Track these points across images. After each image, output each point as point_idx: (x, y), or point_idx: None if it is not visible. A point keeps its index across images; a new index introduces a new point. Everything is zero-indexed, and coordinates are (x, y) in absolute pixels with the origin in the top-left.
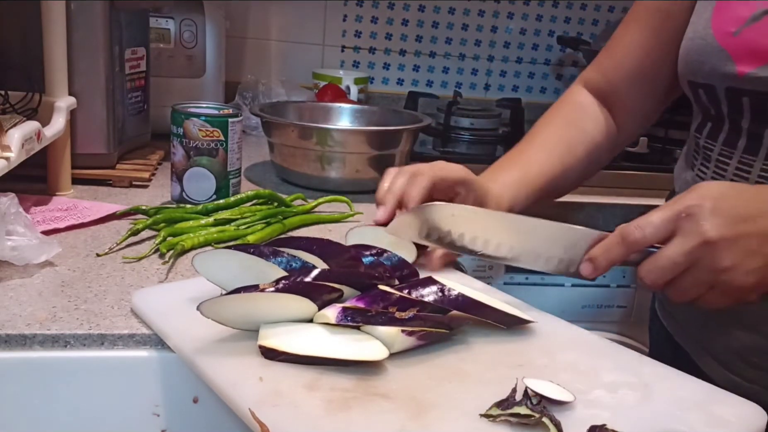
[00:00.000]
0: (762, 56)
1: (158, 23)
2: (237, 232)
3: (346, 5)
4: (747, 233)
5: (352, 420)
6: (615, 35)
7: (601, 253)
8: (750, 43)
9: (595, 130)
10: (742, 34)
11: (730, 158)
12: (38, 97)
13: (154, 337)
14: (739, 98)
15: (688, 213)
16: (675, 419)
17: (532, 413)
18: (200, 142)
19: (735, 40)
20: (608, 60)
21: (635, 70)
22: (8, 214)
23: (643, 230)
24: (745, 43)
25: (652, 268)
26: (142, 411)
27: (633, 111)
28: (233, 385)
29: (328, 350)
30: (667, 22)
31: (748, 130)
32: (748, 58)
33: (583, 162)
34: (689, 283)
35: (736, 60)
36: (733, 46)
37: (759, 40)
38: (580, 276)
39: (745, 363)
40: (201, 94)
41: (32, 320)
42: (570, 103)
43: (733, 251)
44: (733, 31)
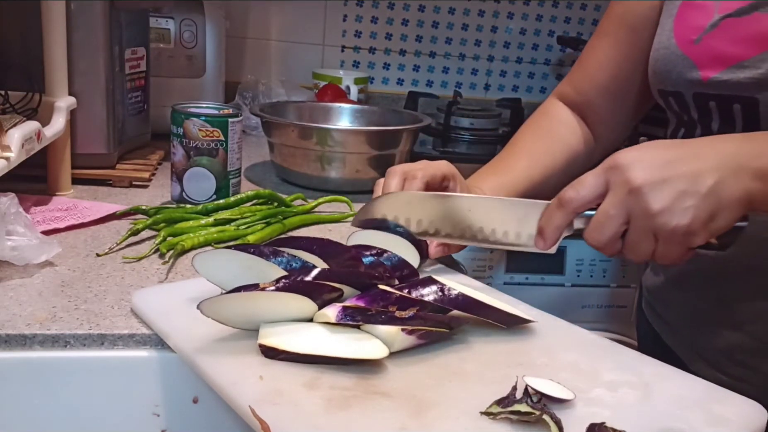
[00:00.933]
0: (723, 61)
1: (158, 23)
2: (237, 232)
3: (346, 5)
4: (674, 175)
5: (353, 418)
6: (586, 50)
7: (546, 221)
8: (711, 49)
9: (573, 140)
10: (703, 41)
11: None
12: (38, 97)
13: (154, 337)
14: (706, 103)
15: (613, 165)
16: (675, 418)
17: (533, 411)
18: (200, 142)
19: (697, 48)
20: (581, 74)
21: (607, 83)
22: (8, 214)
23: (575, 189)
24: (707, 50)
25: (593, 228)
26: (142, 411)
27: (607, 122)
28: (233, 384)
29: (328, 349)
30: (633, 36)
31: (718, 133)
32: (711, 63)
33: (563, 169)
34: (634, 236)
35: (699, 66)
36: (695, 54)
37: (718, 45)
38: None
39: (732, 361)
40: (201, 94)
41: (32, 320)
42: (547, 114)
43: (663, 193)
44: (694, 38)
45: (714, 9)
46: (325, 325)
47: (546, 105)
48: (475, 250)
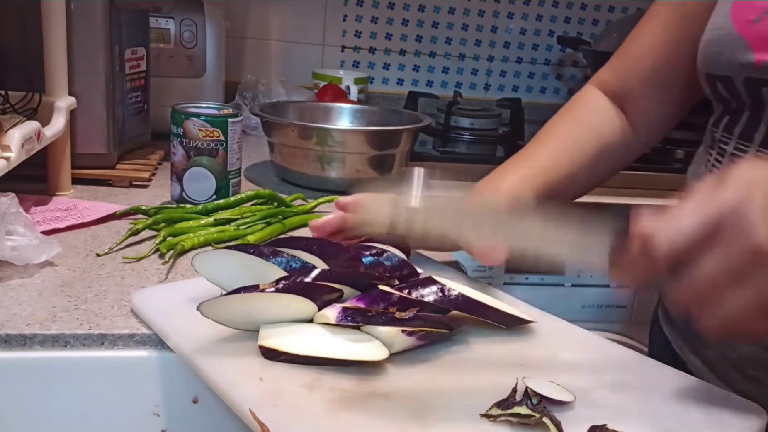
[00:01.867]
0: None
1: (158, 23)
2: (237, 232)
3: (346, 5)
4: None
5: (352, 420)
6: (631, 36)
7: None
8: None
9: (608, 131)
10: (763, 21)
11: (746, 152)
12: (38, 97)
13: (154, 337)
14: (759, 89)
15: (732, 210)
16: (675, 419)
17: (533, 413)
18: (200, 142)
19: (755, 28)
20: (623, 61)
21: (652, 72)
22: (8, 214)
23: (671, 228)
24: (765, 30)
25: (687, 291)
26: (142, 411)
27: (649, 115)
28: (233, 385)
29: (329, 350)
30: (686, 21)
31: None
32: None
33: (593, 162)
34: (732, 306)
35: (755, 48)
36: (752, 34)
37: None
38: None
39: (741, 375)
40: (201, 94)
41: (32, 320)
42: (581, 102)
43: None
44: (753, 18)
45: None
46: (325, 326)
47: (581, 92)
48: None
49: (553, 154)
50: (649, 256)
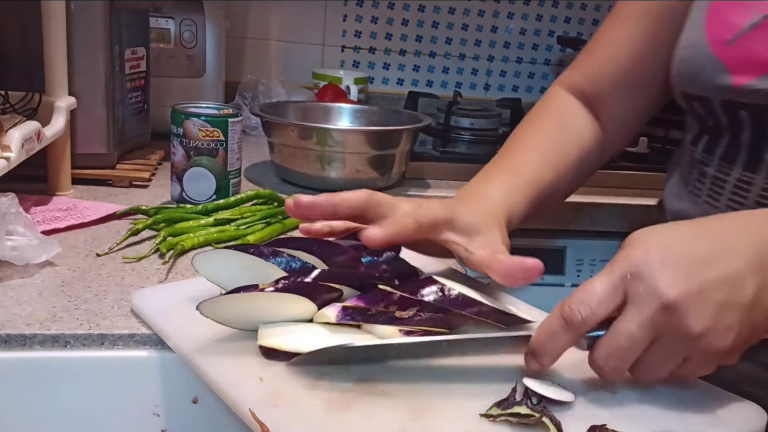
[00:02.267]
0: (760, 66)
1: (158, 23)
2: (237, 232)
3: (346, 5)
4: (708, 282)
5: (352, 420)
6: (599, 36)
7: (546, 340)
8: (747, 52)
9: (586, 134)
10: (739, 43)
11: (728, 174)
12: (38, 97)
13: (154, 337)
14: (737, 111)
15: (634, 273)
16: (675, 419)
17: (533, 413)
18: (200, 142)
19: (731, 50)
20: (593, 63)
21: (623, 74)
22: (8, 214)
23: (588, 305)
24: (742, 53)
25: (609, 353)
26: (142, 411)
27: (620, 117)
28: (233, 385)
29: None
30: (659, 24)
31: (749, 145)
32: (745, 68)
33: (576, 168)
34: (658, 359)
35: (732, 70)
36: (728, 56)
37: (756, 48)
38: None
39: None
40: (201, 94)
41: (32, 320)
42: (556, 104)
43: (701, 311)
44: (729, 38)
45: (755, 6)
46: (324, 325)
47: (551, 94)
48: None
49: (539, 161)
50: (570, 327)
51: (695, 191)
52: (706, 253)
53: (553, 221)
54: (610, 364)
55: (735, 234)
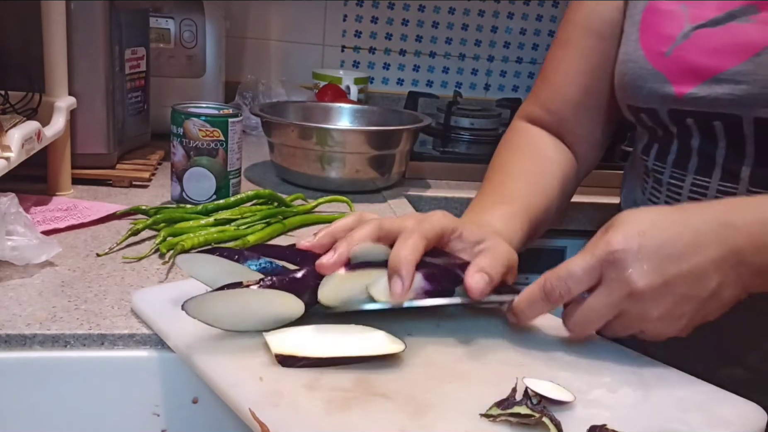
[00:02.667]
0: (698, 74)
1: (158, 23)
2: (237, 232)
3: (346, 5)
4: (675, 276)
5: (352, 420)
6: (549, 62)
7: (526, 306)
8: (684, 62)
9: (562, 160)
10: (674, 54)
11: (683, 181)
12: (38, 97)
13: (154, 337)
14: (683, 119)
15: (611, 260)
16: (675, 419)
17: (533, 413)
18: (200, 142)
19: (668, 61)
20: (549, 92)
21: (579, 98)
22: (8, 214)
23: (566, 284)
24: (679, 63)
25: (578, 320)
26: (142, 411)
27: (585, 137)
28: (233, 385)
29: (347, 349)
30: (602, 44)
31: (698, 150)
32: (685, 77)
33: (561, 192)
34: (619, 327)
35: (672, 81)
36: (667, 67)
37: (692, 58)
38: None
39: None
40: (201, 94)
41: (32, 320)
42: (525, 136)
43: (663, 300)
44: (665, 51)
45: (684, 17)
46: (331, 325)
47: (516, 129)
48: None
49: (529, 190)
50: (549, 299)
51: (653, 200)
52: (680, 249)
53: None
54: (575, 328)
55: (709, 231)
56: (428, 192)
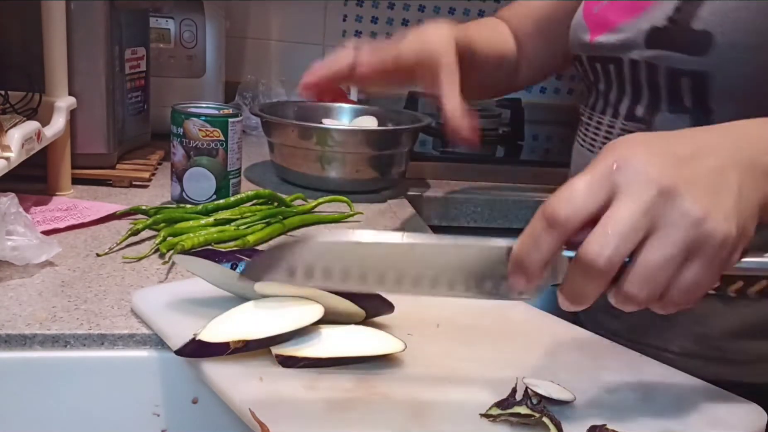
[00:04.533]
0: (605, 25)
1: (158, 23)
2: (237, 232)
3: (346, 5)
4: (697, 172)
5: (352, 420)
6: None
7: (528, 250)
8: (602, 17)
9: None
10: (600, 10)
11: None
12: (38, 97)
13: (154, 337)
14: (594, 65)
15: (621, 164)
16: (675, 419)
17: (533, 413)
18: (200, 142)
19: (594, 16)
20: (523, 6)
21: (541, 23)
22: (8, 214)
23: (570, 202)
24: (599, 17)
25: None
26: (142, 411)
27: (533, 61)
28: (233, 385)
29: (348, 349)
30: None
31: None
32: (598, 28)
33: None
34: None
35: (591, 30)
36: (591, 20)
37: (607, 14)
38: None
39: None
40: (201, 94)
41: (32, 320)
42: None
43: (698, 193)
44: (594, 8)
45: None
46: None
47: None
48: None
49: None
50: (554, 225)
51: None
52: (689, 150)
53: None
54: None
55: (711, 135)
56: (428, 192)
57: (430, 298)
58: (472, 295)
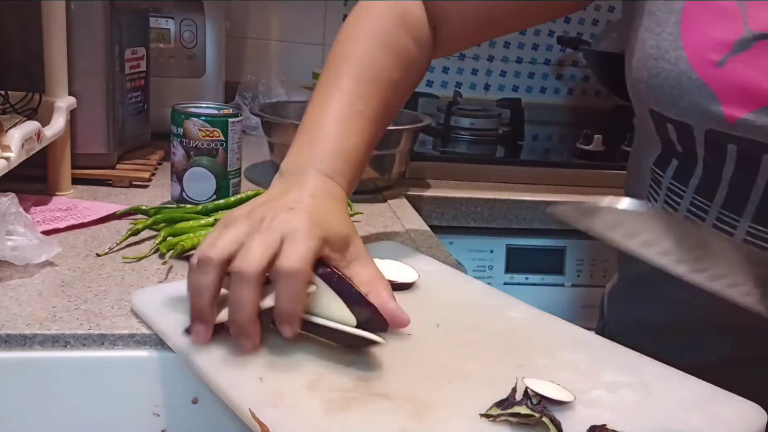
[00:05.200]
0: (757, 97)
1: (158, 23)
2: None
3: (346, 5)
4: None
5: (352, 420)
6: None
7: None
8: (741, 78)
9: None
10: (728, 65)
11: (706, 213)
12: (38, 97)
13: (154, 337)
14: (724, 145)
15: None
16: (675, 419)
17: (533, 413)
18: (200, 142)
19: (719, 73)
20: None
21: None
22: (8, 214)
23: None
24: (734, 79)
25: None
26: (142, 411)
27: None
28: (233, 385)
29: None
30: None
31: (730, 182)
32: (739, 98)
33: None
34: None
35: (722, 100)
36: (717, 82)
37: (752, 75)
38: None
39: None
40: (201, 94)
41: (32, 320)
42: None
43: None
44: (717, 60)
45: (741, 18)
46: None
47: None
48: (474, 249)
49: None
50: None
51: None
52: None
53: (553, 221)
54: None
55: None
56: (428, 192)
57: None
58: None
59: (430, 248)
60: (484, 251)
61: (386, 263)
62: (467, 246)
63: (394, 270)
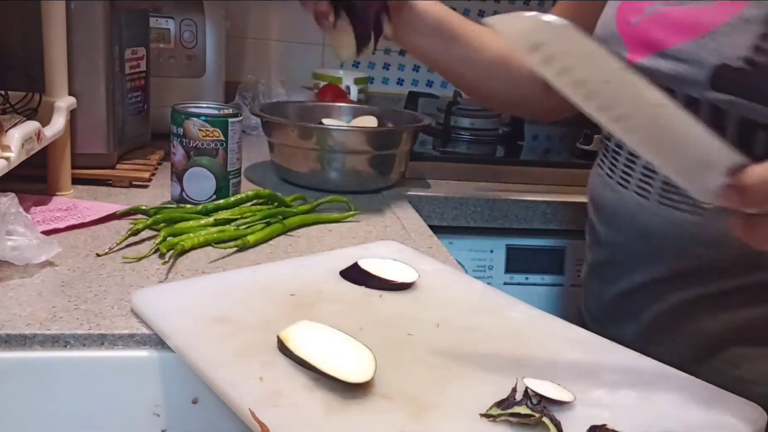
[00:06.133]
0: (649, 46)
1: (158, 23)
2: (237, 232)
3: None
4: None
5: (352, 420)
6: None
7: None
8: (642, 33)
9: None
10: (640, 24)
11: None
12: (38, 97)
13: (154, 337)
14: None
15: None
16: (675, 419)
17: (533, 413)
18: (200, 142)
19: (631, 30)
20: None
21: None
22: (8, 214)
23: None
24: (639, 33)
25: None
26: (142, 411)
27: None
28: (233, 385)
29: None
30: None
31: None
32: (639, 47)
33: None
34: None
35: (629, 48)
36: (628, 35)
37: (649, 30)
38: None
39: None
40: (201, 94)
41: (32, 320)
42: None
43: None
44: (632, 21)
45: None
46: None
47: None
48: (474, 249)
49: None
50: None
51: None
52: None
53: (553, 221)
54: None
55: None
56: (428, 192)
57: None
58: None
59: (430, 248)
60: (484, 251)
61: (386, 263)
62: (467, 246)
63: (394, 270)
